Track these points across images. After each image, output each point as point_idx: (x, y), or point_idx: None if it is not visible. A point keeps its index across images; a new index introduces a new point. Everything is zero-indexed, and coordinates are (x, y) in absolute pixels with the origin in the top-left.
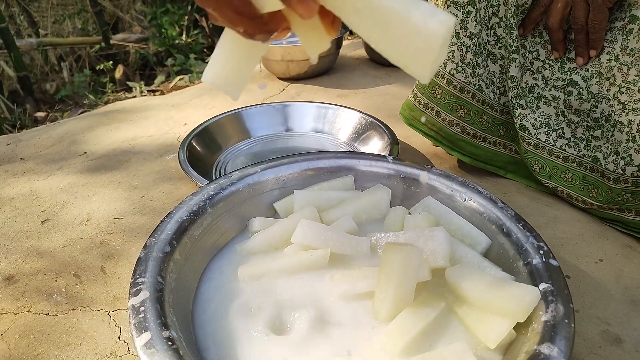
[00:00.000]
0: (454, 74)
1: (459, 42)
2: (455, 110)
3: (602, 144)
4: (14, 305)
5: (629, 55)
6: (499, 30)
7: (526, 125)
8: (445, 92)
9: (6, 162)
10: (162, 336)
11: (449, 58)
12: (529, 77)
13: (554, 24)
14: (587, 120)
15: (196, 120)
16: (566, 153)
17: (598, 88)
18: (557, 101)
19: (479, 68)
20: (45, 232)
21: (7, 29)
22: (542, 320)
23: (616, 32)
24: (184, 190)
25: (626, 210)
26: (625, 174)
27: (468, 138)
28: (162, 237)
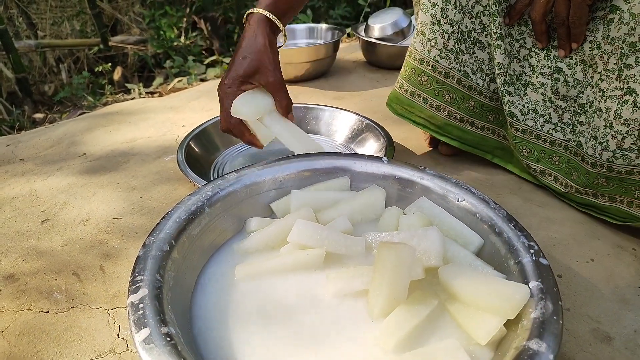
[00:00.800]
0: (438, 60)
1: (441, 29)
2: (441, 95)
3: (585, 129)
4: (14, 303)
5: (609, 44)
6: (484, 18)
7: (514, 112)
8: (431, 78)
9: (6, 163)
10: (161, 332)
11: (432, 45)
12: (516, 65)
13: (537, 16)
14: (574, 105)
15: (194, 122)
16: (553, 137)
17: (583, 75)
18: (545, 87)
19: (463, 54)
20: (45, 232)
21: (5, 30)
22: (532, 317)
23: (597, 21)
24: (182, 191)
25: (600, 195)
26: (602, 158)
27: (455, 122)
28: (161, 236)
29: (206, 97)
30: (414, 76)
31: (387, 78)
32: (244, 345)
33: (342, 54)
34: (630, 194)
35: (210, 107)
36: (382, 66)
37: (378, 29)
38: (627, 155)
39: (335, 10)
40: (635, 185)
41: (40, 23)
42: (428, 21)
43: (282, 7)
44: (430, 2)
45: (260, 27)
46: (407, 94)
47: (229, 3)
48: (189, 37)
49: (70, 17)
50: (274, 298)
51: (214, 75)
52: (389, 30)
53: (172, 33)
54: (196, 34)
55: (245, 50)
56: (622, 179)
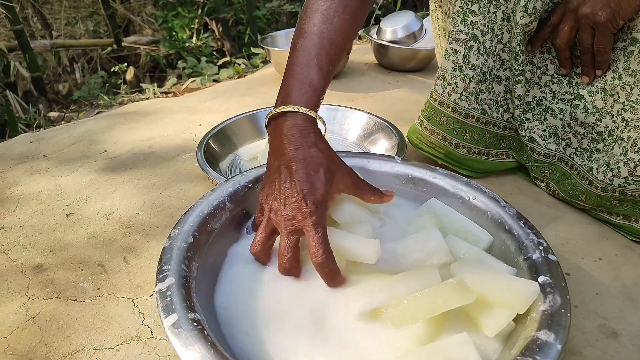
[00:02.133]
0: (458, 102)
1: (462, 74)
2: (460, 134)
3: (602, 157)
4: (43, 291)
5: (631, 76)
6: (504, 54)
7: (534, 137)
8: (451, 119)
9: (30, 159)
10: (188, 318)
11: (453, 89)
12: (536, 91)
13: (561, 44)
14: (591, 132)
15: (210, 121)
16: (573, 161)
17: (602, 103)
18: (564, 113)
19: (482, 94)
20: (70, 225)
21: (22, 30)
22: (541, 309)
23: (618, 52)
24: (200, 188)
25: (614, 214)
26: (613, 184)
27: (474, 156)
28: (185, 228)
29: (221, 98)
30: (433, 116)
31: (399, 80)
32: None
33: (355, 56)
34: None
35: (225, 107)
36: (393, 68)
37: (390, 32)
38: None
39: None
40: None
41: (54, 23)
42: (449, 67)
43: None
44: (452, 49)
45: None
46: (426, 131)
47: (240, 5)
48: (200, 38)
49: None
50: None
51: (227, 76)
52: (401, 33)
53: (184, 34)
54: (207, 35)
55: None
56: (635, 201)
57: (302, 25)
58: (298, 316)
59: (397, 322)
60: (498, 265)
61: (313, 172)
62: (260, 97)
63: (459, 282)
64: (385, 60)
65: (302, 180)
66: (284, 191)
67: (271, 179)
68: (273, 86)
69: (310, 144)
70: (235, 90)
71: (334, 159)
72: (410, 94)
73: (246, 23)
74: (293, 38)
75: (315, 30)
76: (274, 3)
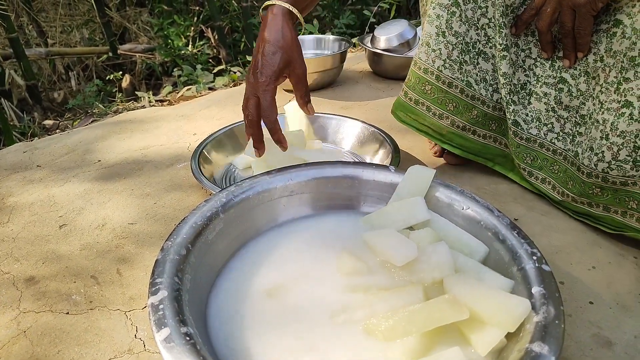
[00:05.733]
0: (442, 70)
1: (445, 40)
2: (444, 104)
3: (583, 140)
4: (35, 304)
5: (611, 57)
6: (489, 30)
7: (518, 121)
8: (435, 87)
9: (23, 169)
10: (181, 332)
11: (437, 55)
12: (521, 74)
13: (543, 27)
14: (575, 116)
15: (205, 130)
16: (555, 146)
17: (586, 86)
18: (548, 97)
19: (467, 65)
20: (63, 236)
21: (17, 38)
22: (534, 321)
23: (601, 34)
24: (194, 197)
25: (595, 205)
26: (597, 169)
27: (457, 130)
28: (178, 240)
29: (216, 106)
30: (418, 85)
31: (393, 88)
32: (258, 349)
33: (349, 64)
34: (623, 204)
35: (221, 116)
36: (387, 76)
37: (384, 40)
38: (622, 167)
39: (340, 19)
40: (629, 196)
41: (50, 31)
42: (433, 32)
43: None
44: (435, 14)
45: (285, 20)
46: (411, 102)
47: (235, 13)
48: (196, 46)
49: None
50: (290, 305)
51: (222, 84)
52: (395, 41)
53: (179, 42)
54: (203, 42)
55: (274, 44)
56: (616, 190)
57: None
58: (287, 329)
59: (389, 336)
60: (494, 279)
61: (272, 52)
62: None
63: (453, 298)
64: (379, 68)
65: (264, 55)
66: (253, 65)
67: (254, 54)
68: None
69: (277, 29)
70: (230, 99)
71: (295, 49)
72: None
73: (242, 31)
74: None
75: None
76: None
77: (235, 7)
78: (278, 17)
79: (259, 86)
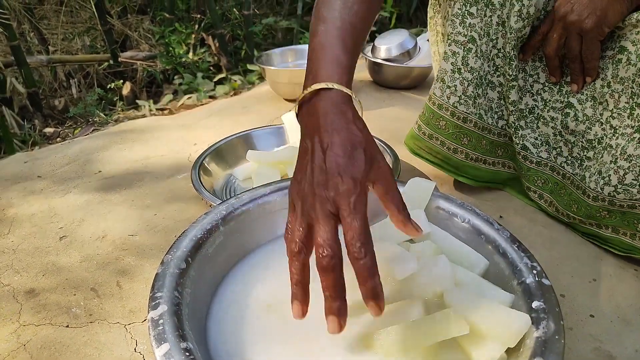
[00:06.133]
0: (457, 106)
1: (461, 77)
2: (459, 138)
3: (592, 165)
4: (35, 317)
5: (619, 84)
6: (498, 60)
7: (527, 145)
8: (449, 123)
9: (24, 179)
10: (180, 347)
11: (452, 92)
12: (528, 99)
13: (550, 52)
14: (581, 140)
15: (206, 140)
16: (564, 170)
17: (592, 111)
18: (555, 122)
19: (480, 98)
20: (64, 248)
21: (18, 46)
22: (534, 336)
23: (607, 60)
24: (195, 209)
25: (603, 226)
26: (603, 192)
27: (471, 163)
28: (178, 254)
29: (216, 116)
30: (432, 120)
31: (393, 98)
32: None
33: None
34: (632, 227)
35: (221, 126)
36: (388, 86)
37: (384, 50)
38: (629, 190)
39: None
40: (637, 218)
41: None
42: (448, 69)
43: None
44: (451, 51)
45: (350, 109)
46: (424, 136)
47: (237, 21)
48: (197, 54)
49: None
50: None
51: (223, 92)
52: (395, 51)
53: (180, 49)
54: (204, 50)
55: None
56: (624, 212)
57: (321, 13)
58: (288, 344)
59: (390, 351)
60: (494, 293)
61: (351, 149)
62: (255, 115)
63: (454, 313)
64: (379, 77)
65: (338, 154)
66: (317, 170)
67: (302, 163)
68: (269, 104)
69: (348, 121)
70: (231, 109)
71: (374, 144)
72: (405, 112)
73: (243, 38)
74: (312, 26)
75: (337, 16)
76: (270, 19)
77: (236, 15)
78: (342, 105)
79: (340, 198)
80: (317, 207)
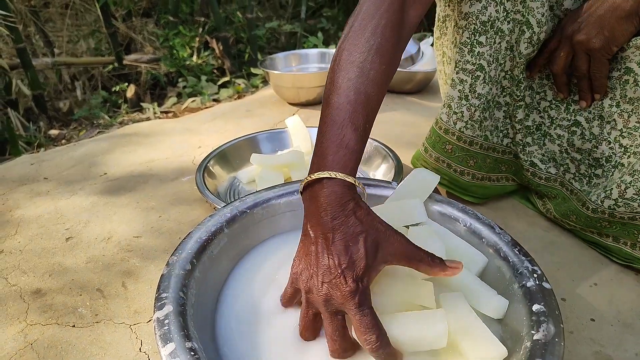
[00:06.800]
0: (464, 130)
1: (468, 104)
2: (465, 161)
3: (602, 182)
4: (42, 317)
5: (628, 104)
6: (505, 82)
7: (535, 162)
8: (456, 147)
9: (31, 181)
10: (186, 347)
11: (458, 117)
12: (535, 116)
13: (557, 70)
14: (588, 159)
15: (210, 143)
16: (572, 186)
17: (599, 130)
18: (561, 139)
19: (486, 121)
20: (70, 249)
21: (24, 49)
22: (534, 338)
23: (614, 81)
24: (199, 211)
25: (604, 235)
26: (603, 205)
27: (478, 182)
28: (183, 255)
29: (220, 119)
30: (438, 143)
31: (396, 102)
32: None
33: None
34: (632, 237)
35: (225, 129)
36: (391, 90)
37: None
38: (630, 204)
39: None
40: (637, 229)
41: (56, 41)
42: (455, 96)
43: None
44: (459, 79)
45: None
46: (431, 159)
47: (240, 24)
48: (201, 57)
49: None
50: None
51: (227, 95)
52: None
53: (184, 52)
54: (208, 53)
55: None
56: (624, 223)
57: (336, 79)
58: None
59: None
60: (489, 298)
61: (352, 244)
62: (259, 118)
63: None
64: None
65: (340, 253)
66: (321, 267)
67: (306, 252)
68: (272, 107)
69: (348, 213)
70: (235, 112)
71: (377, 226)
72: (408, 117)
73: (246, 42)
74: (325, 91)
75: (351, 86)
76: (274, 23)
77: (240, 18)
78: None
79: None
80: (321, 305)
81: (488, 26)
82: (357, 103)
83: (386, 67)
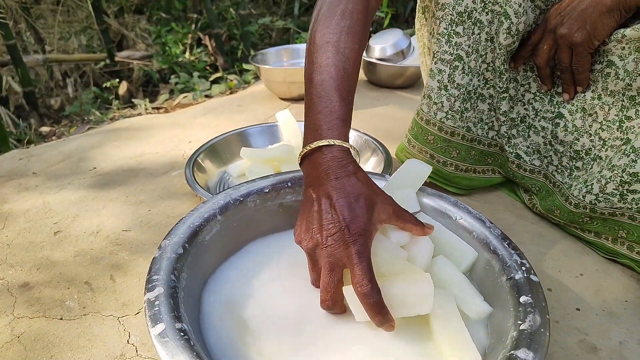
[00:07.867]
0: (444, 121)
1: (447, 94)
2: (448, 152)
3: (582, 175)
4: (29, 310)
5: (610, 96)
6: (487, 74)
7: (520, 154)
8: (437, 137)
9: (19, 176)
10: (175, 327)
11: (438, 108)
12: (520, 108)
13: (540, 62)
14: (569, 151)
15: (200, 138)
16: (555, 178)
17: (581, 122)
18: (545, 131)
19: (467, 112)
20: (58, 243)
21: (14, 45)
22: (521, 328)
23: (596, 74)
24: (188, 205)
25: (586, 230)
26: (585, 200)
27: (461, 174)
28: (175, 240)
29: (212, 114)
30: (420, 134)
31: (387, 97)
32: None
33: None
34: (613, 232)
35: (216, 124)
36: (382, 85)
37: (378, 50)
38: (609, 199)
39: None
40: (618, 225)
41: (48, 37)
42: (435, 86)
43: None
44: (437, 69)
45: (350, 162)
46: (414, 150)
47: (233, 20)
48: (193, 53)
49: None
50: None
51: (219, 91)
52: (389, 51)
53: (177, 49)
54: (201, 50)
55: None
56: (605, 219)
57: (315, 59)
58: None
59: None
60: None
61: (354, 201)
62: (250, 113)
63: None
64: (373, 77)
65: (343, 208)
66: (325, 222)
67: (309, 211)
68: (264, 102)
69: (349, 173)
70: (226, 107)
71: (374, 188)
72: (399, 111)
73: (239, 38)
74: (306, 71)
75: (330, 63)
76: (266, 19)
77: (233, 15)
78: (341, 160)
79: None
80: (324, 257)
81: (465, 17)
82: (339, 78)
83: (357, 46)
